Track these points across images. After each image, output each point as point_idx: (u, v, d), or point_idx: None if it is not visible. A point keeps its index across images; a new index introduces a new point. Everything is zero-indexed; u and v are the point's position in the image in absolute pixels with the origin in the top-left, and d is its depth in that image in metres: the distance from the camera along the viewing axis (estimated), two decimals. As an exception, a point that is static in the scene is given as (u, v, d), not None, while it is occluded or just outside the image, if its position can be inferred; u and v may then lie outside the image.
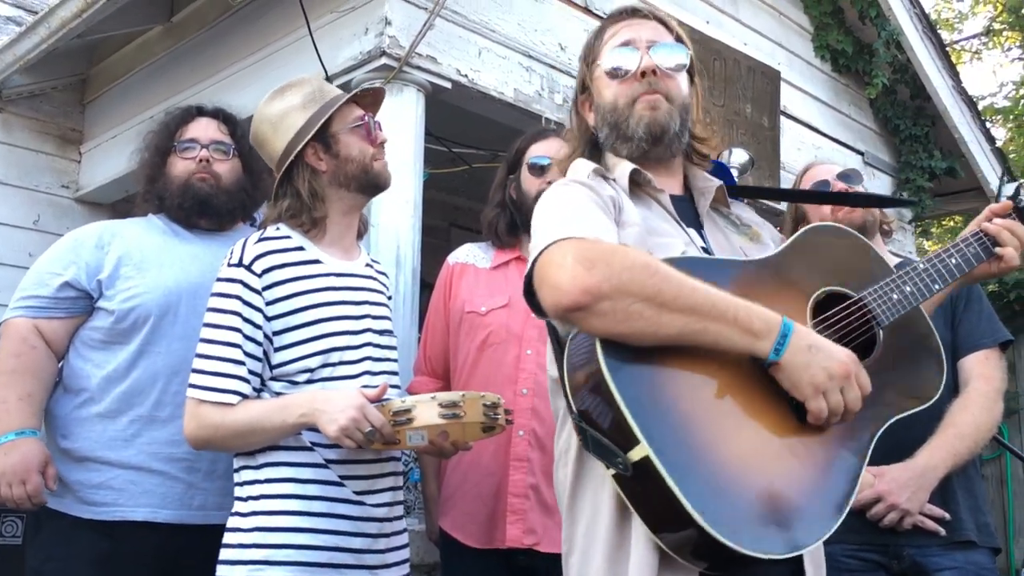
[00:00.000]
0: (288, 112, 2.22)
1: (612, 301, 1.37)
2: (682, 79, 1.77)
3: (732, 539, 1.30)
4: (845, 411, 1.45)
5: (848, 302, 1.65)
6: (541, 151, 2.65)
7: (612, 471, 1.40)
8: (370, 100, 2.37)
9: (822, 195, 2.58)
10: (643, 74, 1.72)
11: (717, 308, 1.40)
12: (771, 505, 1.37)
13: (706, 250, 1.70)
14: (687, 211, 1.78)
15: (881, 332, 1.64)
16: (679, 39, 1.80)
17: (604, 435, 1.38)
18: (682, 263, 1.47)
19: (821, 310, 1.63)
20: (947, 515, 2.28)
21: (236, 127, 2.64)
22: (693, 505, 1.30)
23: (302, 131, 2.19)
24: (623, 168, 1.73)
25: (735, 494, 1.35)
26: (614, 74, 1.74)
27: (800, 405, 1.46)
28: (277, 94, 2.28)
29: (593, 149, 1.82)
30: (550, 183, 2.54)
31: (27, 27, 4.41)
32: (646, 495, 1.36)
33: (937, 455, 2.25)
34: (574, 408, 1.45)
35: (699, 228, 1.76)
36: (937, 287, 1.73)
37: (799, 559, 1.52)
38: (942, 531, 2.26)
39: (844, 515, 1.42)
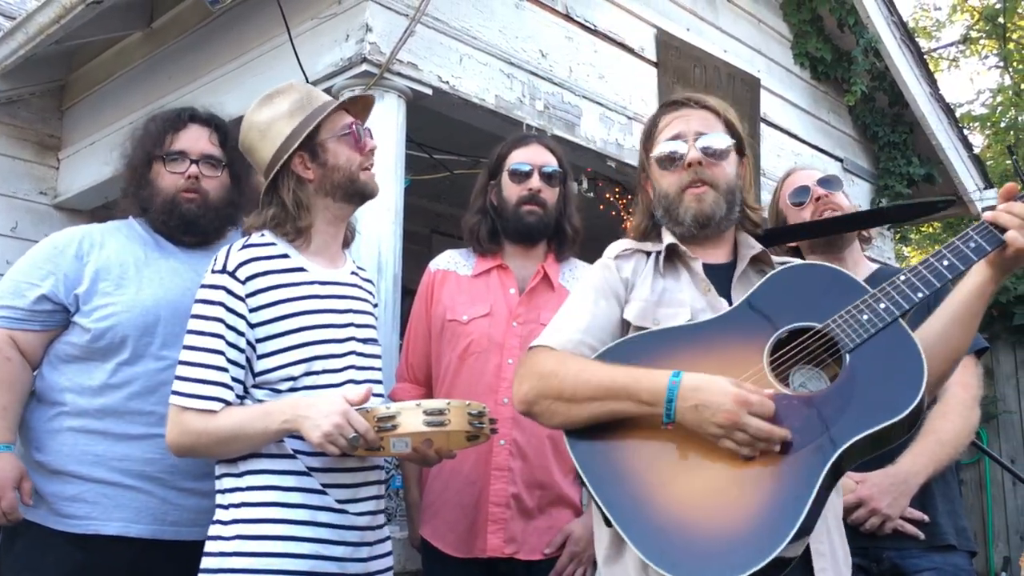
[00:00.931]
0: (276, 119, 2.19)
1: (538, 405, 1.74)
2: (728, 163, 1.95)
3: (672, 571, 1.49)
4: (764, 440, 1.55)
5: (808, 334, 1.67)
6: (522, 157, 2.65)
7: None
8: (360, 107, 2.35)
9: (853, 219, 2.56)
10: (690, 164, 1.91)
11: (612, 390, 1.66)
12: (709, 536, 1.52)
13: None
14: (724, 278, 1.92)
15: (848, 356, 1.63)
16: (727, 123, 1.98)
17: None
18: (641, 340, 1.77)
19: (787, 347, 1.70)
20: (926, 518, 2.30)
21: (227, 135, 2.56)
22: (637, 546, 1.54)
23: (288, 140, 2.16)
24: (665, 242, 1.95)
25: (675, 532, 1.54)
26: (665, 165, 1.95)
27: None
28: (266, 100, 2.25)
29: (654, 221, 2.02)
30: (531, 190, 2.57)
31: (4, 33, 4.38)
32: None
33: (919, 461, 2.27)
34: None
35: (730, 293, 1.89)
36: (920, 295, 1.66)
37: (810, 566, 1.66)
38: (921, 535, 2.28)
39: (792, 535, 1.47)
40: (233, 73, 3.93)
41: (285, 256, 2.16)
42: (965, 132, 6.62)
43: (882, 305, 1.65)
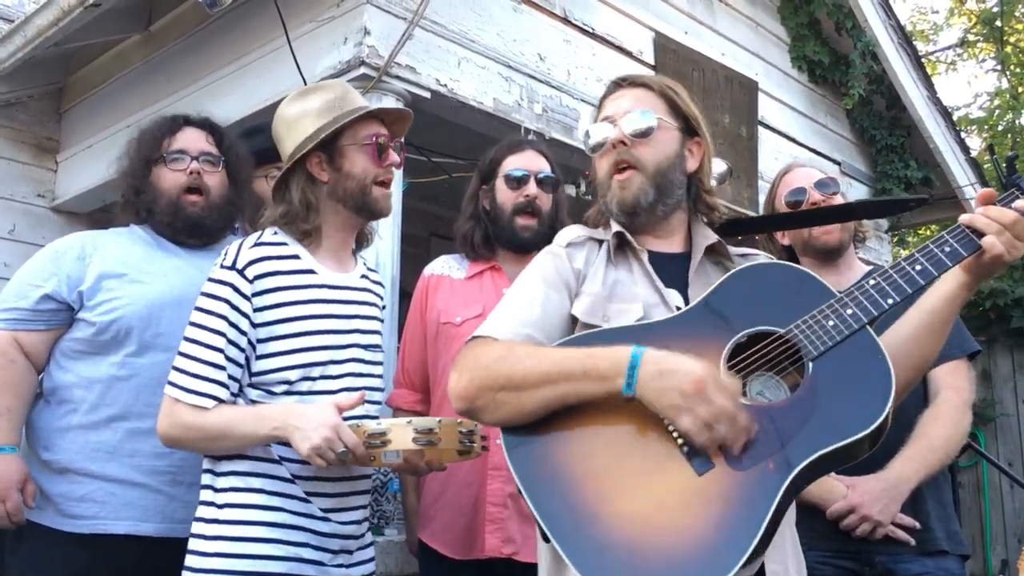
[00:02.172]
0: (303, 115, 2.18)
1: (480, 399, 1.57)
2: (658, 142, 1.80)
3: None
4: (727, 420, 1.43)
5: (769, 339, 1.56)
6: (518, 163, 2.64)
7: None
8: (396, 120, 2.31)
9: (812, 215, 2.51)
10: (613, 146, 1.80)
11: (565, 369, 1.51)
12: (657, 558, 1.40)
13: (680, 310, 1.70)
14: (678, 269, 1.79)
15: (811, 364, 1.52)
16: (670, 101, 1.85)
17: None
18: (588, 339, 1.60)
19: (745, 352, 1.58)
20: (917, 524, 2.30)
21: (223, 137, 2.58)
22: (576, 566, 1.39)
23: (308, 138, 2.15)
24: (612, 231, 1.83)
25: (620, 552, 1.41)
26: (594, 149, 1.85)
27: (691, 450, 1.46)
28: (300, 95, 2.23)
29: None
30: (527, 196, 2.57)
31: (3, 35, 4.38)
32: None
33: (909, 467, 2.27)
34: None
35: (685, 287, 1.76)
36: (890, 301, 1.55)
37: None
38: (912, 542, 2.28)
39: (744, 559, 1.35)
40: (231, 76, 3.93)
41: (296, 257, 2.15)
42: (963, 135, 6.63)
43: (849, 311, 1.55)
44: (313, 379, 2.08)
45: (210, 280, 2.09)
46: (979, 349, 2.49)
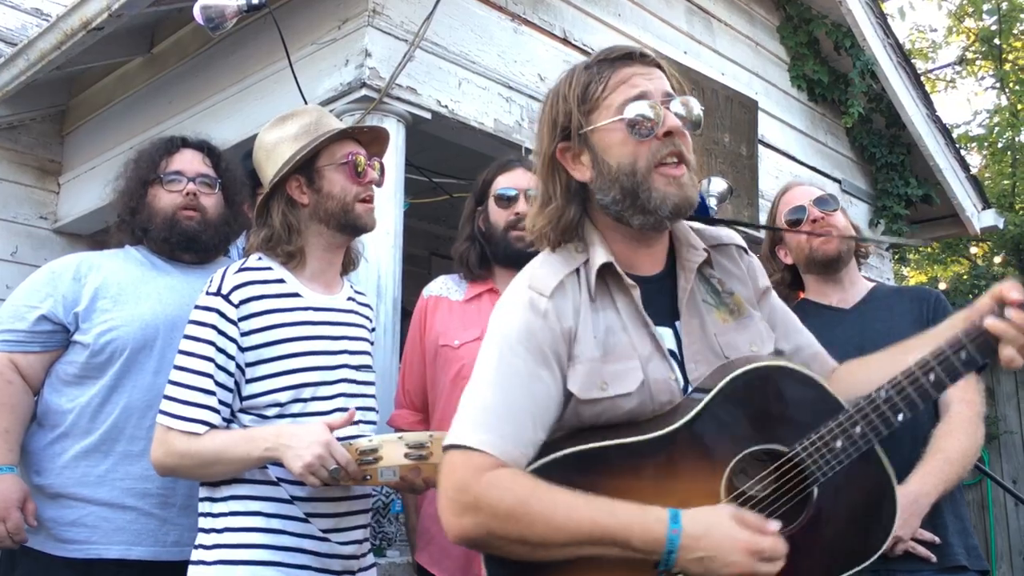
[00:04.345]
0: (281, 141, 2.21)
1: (488, 545, 1.42)
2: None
3: None
4: None
5: (777, 464, 1.47)
6: (507, 183, 2.66)
7: None
8: (374, 140, 2.32)
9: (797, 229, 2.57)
10: (668, 133, 1.52)
11: (594, 536, 1.37)
12: None
13: (675, 352, 1.59)
14: (664, 296, 1.63)
15: (816, 489, 1.46)
16: (674, 86, 1.60)
17: None
18: (594, 458, 1.46)
19: (752, 468, 1.50)
20: (937, 539, 2.28)
21: (220, 160, 2.61)
22: None
23: (286, 162, 2.17)
24: (596, 260, 1.58)
25: None
26: (637, 132, 1.52)
27: None
28: (278, 122, 2.26)
29: (579, 205, 1.62)
30: (517, 214, 2.57)
31: (6, 59, 4.40)
32: None
33: (929, 481, 2.25)
34: None
35: (675, 318, 1.62)
36: (901, 417, 1.43)
37: None
38: (933, 558, 2.26)
39: None
40: (233, 98, 3.95)
41: (281, 281, 2.16)
42: (962, 152, 6.64)
43: (858, 429, 1.44)
44: (305, 400, 2.08)
45: (197, 307, 2.10)
46: (987, 362, 2.48)
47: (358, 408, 2.15)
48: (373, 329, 2.39)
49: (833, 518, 1.47)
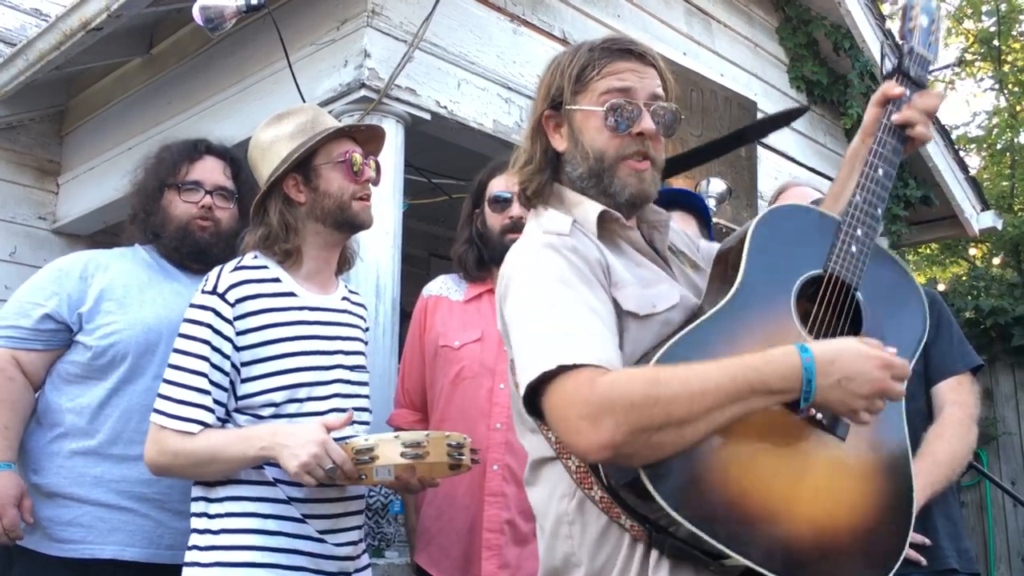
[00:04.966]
0: (277, 140, 2.21)
1: (632, 444, 1.33)
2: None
3: None
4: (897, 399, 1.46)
5: (823, 283, 1.58)
6: (501, 186, 2.66)
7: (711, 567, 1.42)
8: (370, 138, 2.33)
9: (723, 143, 2.57)
10: (640, 134, 1.63)
11: (731, 393, 1.34)
12: (843, 546, 1.43)
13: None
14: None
15: (859, 294, 1.60)
16: (668, 93, 1.71)
17: (692, 547, 1.40)
18: (676, 353, 1.43)
19: (806, 301, 1.59)
20: (927, 541, 2.28)
21: (241, 169, 2.57)
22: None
23: (283, 161, 2.18)
24: (587, 211, 1.65)
25: (809, 552, 1.40)
26: (611, 124, 1.63)
27: (818, 419, 1.46)
28: (274, 120, 2.26)
29: (552, 172, 1.72)
30: (511, 218, 2.57)
31: (5, 59, 4.40)
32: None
33: (916, 484, 2.25)
34: (646, 521, 1.44)
35: (663, 259, 1.72)
36: (881, 209, 1.66)
37: None
38: (923, 560, 2.26)
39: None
40: (233, 98, 3.95)
41: (276, 280, 2.16)
42: (961, 154, 6.65)
43: (859, 232, 1.63)
44: (300, 401, 2.08)
45: (192, 306, 2.10)
46: (982, 363, 2.47)
47: (353, 408, 2.15)
48: (367, 329, 2.38)
49: (883, 313, 1.62)
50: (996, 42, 11.11)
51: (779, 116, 2.64)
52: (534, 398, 1.44)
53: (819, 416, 1.45)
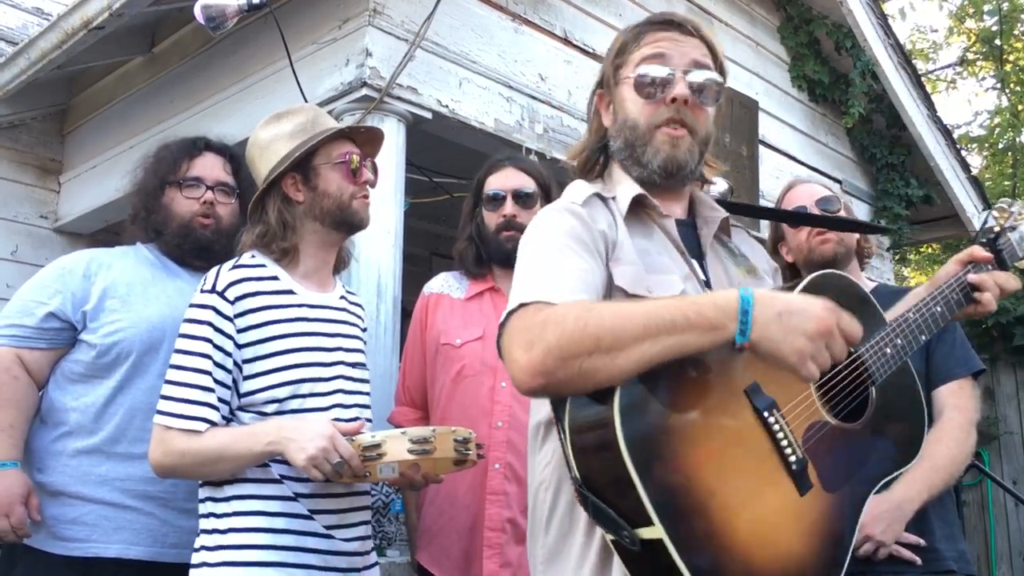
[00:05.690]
0: (276, 139, 2.22)
1: (563, 370, 1.32)
2: (711, 110, 1.69)
3: None
4: (853, 342, 1.38)
5: (847, 360, 1.54)
6: (495, 184, 2.66)
7: (611, 537, 1.34)
8: (369, 140, 2.34)
9: (808, 217, 2.58)
10: (674, 100, 1.62)
11: (665, 320, 1.31)
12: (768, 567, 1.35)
13: (707, 283, 1.65)
14: (690, 238, 1.71)
15: (874, 390, 1.61)
16: (718, 62, 1.69)
17: (612, 507, 1.32)
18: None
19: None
20: (922, 542, 2.28)
21: (240, 165, 2.57)
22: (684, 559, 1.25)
23: (282, 159, 2.18)
24: (626, 191, 1.65)
25: (734, 558, 1.31)
26: (643, 91, 1.63)
27: (791, 462, 1.42)
28: (273, 119, 2.27)
29: (604, 151, 1.75)
30: (504, 216, 2.58)
31: (7, 58, 4.41)
32: (651, 570, 1.31)
33: (913, 488, 2.26)
34: (576, 472, 1.37)
35: (700, 258, 1.70)
36: (924, 338, 1.72)
37: None
38: (918, 560, 2.27)
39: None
40: (234, 97, 3.95)
41: (275, 278, 2.17)
42: (963, 153, 6.64)
43: (899, 341, 1.67)
44: (303, 396, 2.08)
45: (192, 306, 2.10)
46: (983, 368, 2.48)
47: (354, 406, 2.17)
48: (365, 329, 2.39)
49: (888, 419, 1.61)
50: (998, 41, 11.10)
51: (864, 224, 2.70)
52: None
53: (792, 459, 1.41)
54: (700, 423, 1.36)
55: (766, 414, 1.42)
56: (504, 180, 2.65)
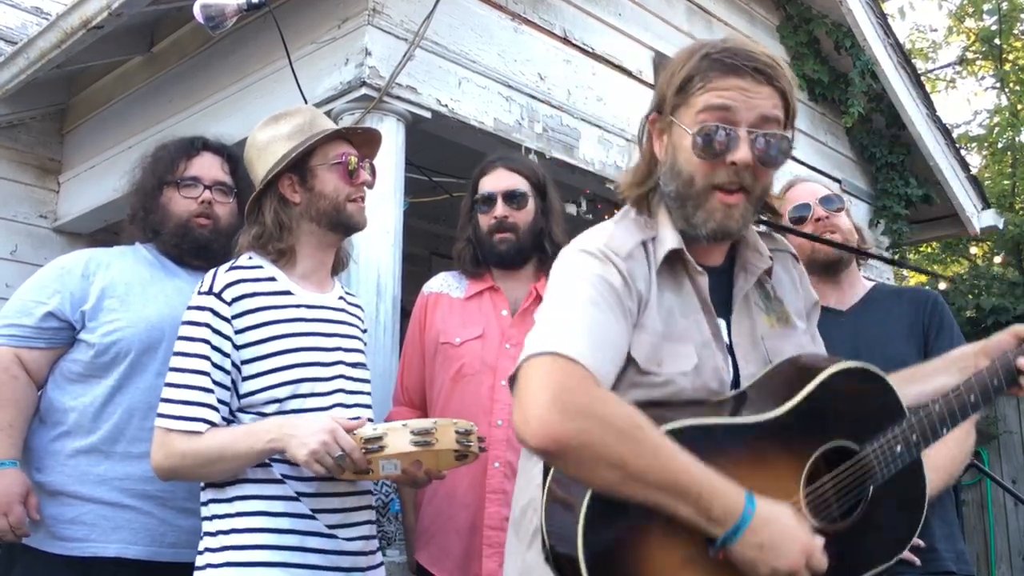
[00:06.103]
0: (274, 140, 2.22)
1: (577, 454, 1.32)
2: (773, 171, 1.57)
3: None
4: None
5: (850, 462, 1.53)
6: (487, 186, 2.65)
7: None
8: (367, 141, 2.34)
9: (850, 249, 2.60)
10: (734, 163, 1.51)
11: (680, 487, 1.33)
12: None
13: (729, 347, 1.61)
14: (721, 287, 1.64)
15: (872, 488, 1.55)
16: (790, 113, 1.57)
17: (560, 568, 1.39)
18: (682, 434, 1.40)
19: (828, 463, 1.56)
20: (922, 543, 2.28)
21: (238, 165, 2.57)
22: None
23: (279, 160, 2.18)
24: (665, 241, 1.58)
25: None
26: (700, 149, 1.51)
27: None
28: (271, 121, 2.27)
29: (653, 187, 1.64)
30: (496, 218, 2.57)
31: (6, 57, 4.40)
32: None
33: None
34: (543, 523, 1.42)
35: (728, 313, 1.64)
36: (946, 430, 1.57)
37: None
38: (917, 561, 2.27)
39: None
40: (233, 97, 3.95)
41: (272, 279, 2.17)
42: (962, 153, 6.65)
43: (914, 437, 1.56)
44: (303, 396, 2.08)
45: (189, 308, 2.10)
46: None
47: (355, 406, 2.16)
48: (365, 330, 2.39)
49: (880, 514, 1.55)
50: (997, 40, 11.10)
51: (855, 250, 2.70)
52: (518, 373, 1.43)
53: None
54: (662, 536, 1.39)
55: None
56: (495, 181, 2.65)
